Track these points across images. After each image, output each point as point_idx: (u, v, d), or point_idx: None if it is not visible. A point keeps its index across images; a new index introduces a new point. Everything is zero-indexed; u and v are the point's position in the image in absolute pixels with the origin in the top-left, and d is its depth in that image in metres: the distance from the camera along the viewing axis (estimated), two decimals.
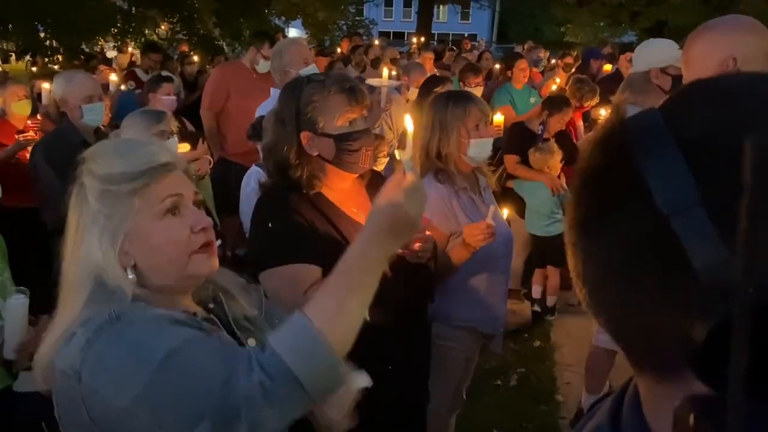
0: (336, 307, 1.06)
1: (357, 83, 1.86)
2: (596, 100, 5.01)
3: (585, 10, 13.24)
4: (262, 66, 4.31)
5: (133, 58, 9.43)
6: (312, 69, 3.38)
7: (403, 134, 1.87)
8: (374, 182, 1.92)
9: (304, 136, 1.75)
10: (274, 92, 3.35)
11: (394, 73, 5.08)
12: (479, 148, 2.37)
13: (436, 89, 3.69)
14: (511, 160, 4.38)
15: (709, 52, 1.64)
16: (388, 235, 1.12)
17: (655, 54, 2.91)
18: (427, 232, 1.90)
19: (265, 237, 1.79)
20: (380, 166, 3.26)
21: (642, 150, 0.43)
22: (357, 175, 1.87)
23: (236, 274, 1.36)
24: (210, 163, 3.56)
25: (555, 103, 4.49)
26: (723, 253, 0.39)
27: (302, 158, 1.76)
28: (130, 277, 1.09)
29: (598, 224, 0.48)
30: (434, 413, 2.25)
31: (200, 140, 3.55)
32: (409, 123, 1.30)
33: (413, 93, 4.37)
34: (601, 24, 13.86)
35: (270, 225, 1.78)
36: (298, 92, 1.78)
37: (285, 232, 1.74)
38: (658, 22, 12.44)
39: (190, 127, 4.07)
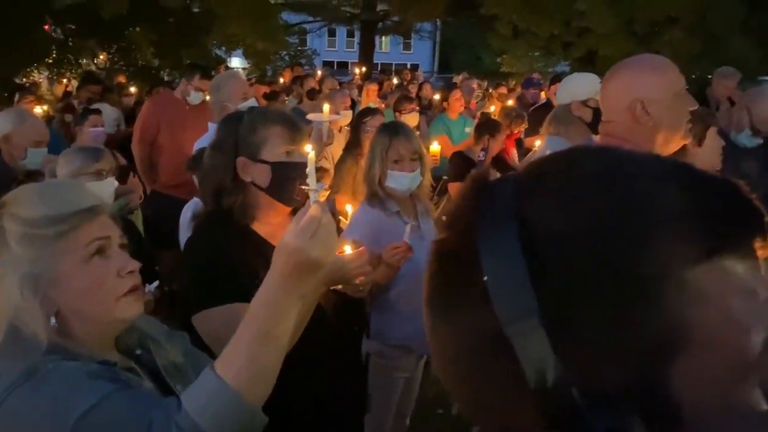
0: (247, 359, 1.04)
1: (298, 119, 1.90)
2: (524, 125, 5.23)
3: (520, 41, 13.72)
4: (194, 97, 4.30)
5: (69, 89, 9.21)
6: (251, 103, 3.41)
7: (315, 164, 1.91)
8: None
9: (240, 161, 1.74)
10: (213, 126, 3.36)
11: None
12: (397, 181, 2.49)
13: (365, 120, 3.83)
14: (454, 188, 4.54)
15: (619, 95, 1.70)
16: (294, 279, 1.09)
17: (576, 87, 3.07)
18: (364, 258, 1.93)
19: (197, 276, 1.74)
20: (322, 198, 3.32)
21: (485, 248, 0.44)
22: (290, 210, 1.86)
23: (172, 311, 1.34)
24: (141, 198, 3.53)
25: (490, 127, 4.69)
26: (553, 360, 0.40)
27: (237, 185, 1.75)
28: (53, 323, 1.06)
29: (448, 309, 0.48)
30: None
31: (131, 174, 3.51)
32: (309, 149, 1.29)
33: (344, 120, 4.49)
34: (536, 54, 14.39)
35: (201, 265, 1.74)
36: (239, 119, 1.79)
37: (218, 270, 1.70)
38: (589, 52, 12.99)
39: (122, 160, 4.03)
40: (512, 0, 13.09)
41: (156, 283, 2.18)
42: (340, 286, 1.76)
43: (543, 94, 7.16)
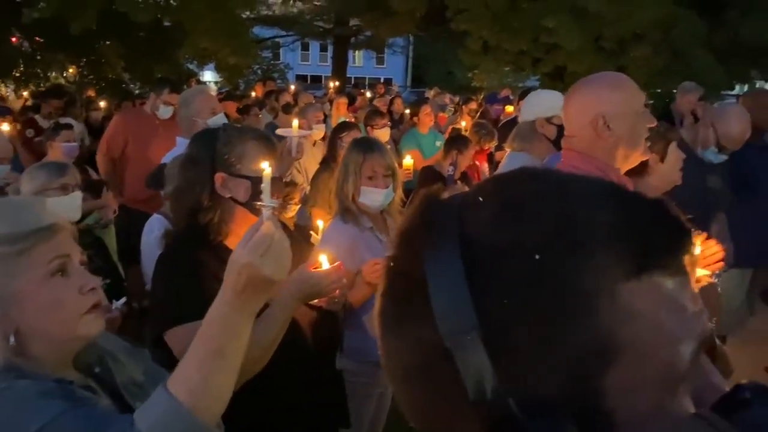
0: (199, 377, 1.04)
1: (270, 134, 1.92)
2: (494, 142, 5.30)
3: (490, 56, 13.92)
4: (163, 112, 4.28)
5: (27, 103, 9.01)
6: (220, 118, 3.40)
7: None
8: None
9: (219, 177, 1.74)
10: (181, 141, 3.34)
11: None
12: (370, 197, 2.50)
13: (341, 135, 3.84)
14: None
15: (582, 110, 1.73)
16: (245, 296, 1.09)
17: (540, 104, 3.11)
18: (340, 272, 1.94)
19: (169, 293, 1.73)
20: (291, 213, 3.33)
21: (430, 266, 0.45)
22: None
23: (141, 327, 1.33)
24: (114, 212, 3.49)
25: (459, 142, 4.75)
26: (491, 372, 0.42)
27: (214, 201, 1.75)
28: (11, 342, 1.04)
29: (397, 325, 0.49)
30: None
31: (104, 188, 3.47)
32: (266, 167, 1.28)
33: (317, 133, 4.51)
34: (506, 69, 14.61)
35: (174, 280, 1.73)
36: (215, 136, 1.79)
37: (190, 287, 1.68)
38: (558, 67, 13.24)
39: (94, 175, 3.98)
40: (482, 16, 13.29)
41: (123, 300, 2.15)
42: (316, 301, 1.77)
43: (512, 109, 7.29)
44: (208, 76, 19.71)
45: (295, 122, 3.44)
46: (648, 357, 0.44)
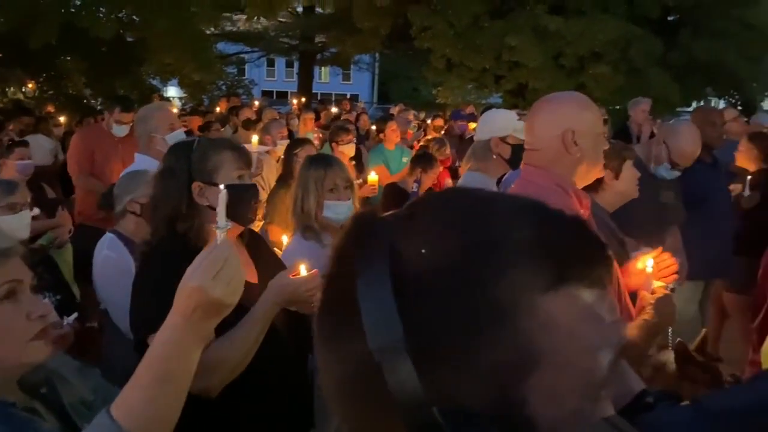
0: (144, 401, 1.02)
1: (244, 147, 1.98)
2: (447, 151, 5.42)
3: (454, 73, 14.13)
4: (116, 130, 4.26)
5: None
6: (179, 134, 3.38)
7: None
8: (252, 242, 1.99)
9: (196, 186, 1.79)
10: (140, 158, 3.32)
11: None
12: (334, 210, 2.52)
13: (296, 151, 3.86)
14: None
15: (552, 122, 1.77)
16: (195, 319, 1.07)
17: (495, 123, 3.15)
18: (317, 280, 1.97)
19: (153, 297, 1.73)
20: (255, 228, 3.32)
21: (361, 281, 0.47)
22: (238, 234, 1.91)
23: (94, 346, 1.30)
24: (70, 232, 3.43)
25: (425, 161, 4.80)
26: (416, 382, 0.44)
27: (192, 210, 1.79)
28: None
29: (333, 339, 0.51)
30: None
31: (59, 207, 3.41)
32: (223, 195, 1.27)
33: (281, 149, 4.52)
34: (469, 86, 14.83)
35: (156, 285, 1.72)
36: (190, 147, 1.84)
37: (172, 293, 1.71)
38: (519, 85, 13.50)
39: (51, 193, 3.91)
40: (445, 34, 13.50)
41: (74, 316, 2.12)
42: (293, 307, 1.82)
43: (474, 126, 7.40)
44: (172, 91, 19.52)
45: (255, 138, 3.44)
46: (567, 366, 0.46)
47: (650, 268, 1.89)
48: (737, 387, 0.44)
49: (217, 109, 10.35)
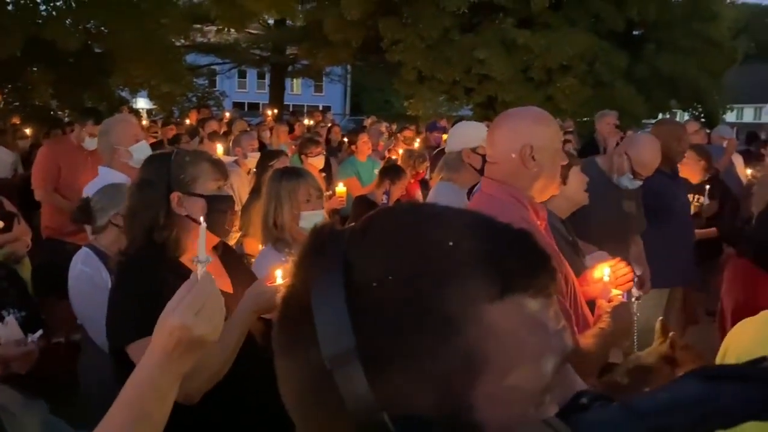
0: None
1: (221, 160, 2.00)
2: (426, 164, 5.44)
3: (425, 86, 14.27)
4: (88, 143, 4.21)
5: None
6: (143, 146, 3.36)
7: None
8: (225, 253, 2.00)
9: (175, 196, 1.79)
10: (104, 171, 3.29)
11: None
12: (311, 220, 2.55)
13: (271, 163, 3.86)
14: None
15: (512, 137, 1.80)
16: (175, 357, 1.04)
17: (466, 135, 3.22)
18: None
19: (131, 306, 1.75)
20: (232, 240, 3.32)
21: (316, 292, 0.49)
22: (213, 245, 1.91)
23: (61, 363, 1.25)
24: (27, 246, 3.36)
25: (393, 172, 4.83)
26: (367, 389, 0.46)
27: (170, 220, 1.79)
28: None
29: (289, 348, 0.53)
30: None
31: (15, 220, 3.35)
32: (203, 229, 1.25)
33: (251, 161, 4.52)
34: (441, 99, 14.99)
35: (135, 293, 1.75)
36: (169, 158, 1.86)
37: (152, 300, 1.67)
38: (489, 97, 13.69)
39: (8, 206, 3.84)
40: (416, 47, 13.64)
41: (39, 333, 2.10)
42: (269, 315, 1.82)
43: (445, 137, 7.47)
44: (142, 103, 19.33)
45: (219, 148, 3.42)
46: (512, 372, 0.48)
47: (607, 277, 1.94)
48: (662, 387, 0.47)
49: (187, 121, 10.27)
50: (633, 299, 2.49)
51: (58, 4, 11.09)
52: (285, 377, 0.54)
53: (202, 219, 1.31)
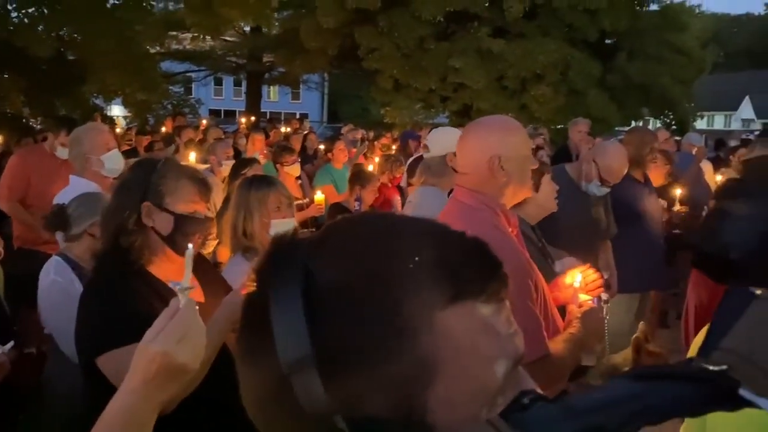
0: None
1: (207, 180, 1.94)
2: (402, 168, 5.47)
3: (401, 94, 14.34)
4: (60, 152, 4.15)
5: None
6: (115, 154, 3.34)
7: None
8: (199, 263, 1.95)
9: (146, 206, 1.76)
10: (75, 180, 3.26)
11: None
12: (281, 228, 2.55)
13: (243, 171, 3.86)
14: None
15: (479, 148, 1.83)
16: (155, 385, 1.02)
17: (448, 140, 3.25)
18: None
19: (100, 317, 1.72)
20: (209, 248, 3.30)
21: (274, 300, 0.50)
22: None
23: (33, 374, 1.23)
24: (0, 255, 3.31)
25: (361, 177, 4.85)
26: (322, 393, 0.47)
27: (138, 227, 1.76)
28: None
29: (250, 355, 0.54)
30: None
31: None
32: (190, 254, 1.21)
33: (225, 169, 4.50)
34: (417, 107, 15.07)
35: (104, 304, 1.73)
36: (153, 166, 1.82)
37: (121, 310, 1.69)
38: (465, 105, 13.81)
39: None
40: (392, 56, 13.71)
41: (11, 344, 2.07)
42: None
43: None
44: (116, 110, 19.09)
45: (192, 155, 3.40)
46: (465, 376, 0.50)
47: (578, 283, 1.97)
48: (598, 387, 0.49)
49: (163, 129, 10.18)
50: (602, 303, 2.53)
51: (30, 11, 10.95)
52: (247, 385, 0.55)
53: (190, 246, 1.25)
